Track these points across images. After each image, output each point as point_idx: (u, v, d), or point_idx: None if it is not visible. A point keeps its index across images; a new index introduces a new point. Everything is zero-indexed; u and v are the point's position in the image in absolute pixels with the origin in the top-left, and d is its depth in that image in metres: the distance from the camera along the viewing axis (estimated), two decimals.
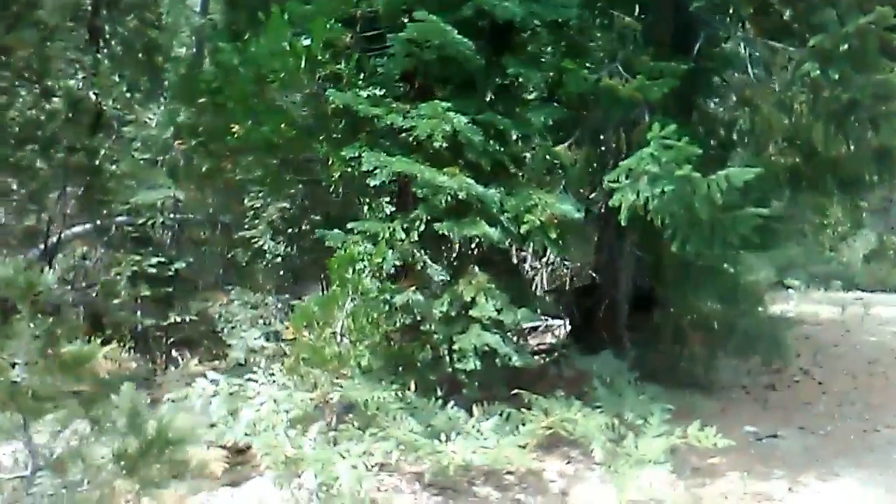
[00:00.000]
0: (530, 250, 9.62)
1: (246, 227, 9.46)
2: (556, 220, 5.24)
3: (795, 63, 5.07)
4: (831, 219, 20.23)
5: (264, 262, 9.59)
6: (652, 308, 7.64)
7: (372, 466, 4.55)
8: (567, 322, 9.42)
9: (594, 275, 8.18)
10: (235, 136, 6.03)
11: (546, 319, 9.88)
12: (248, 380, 5.31)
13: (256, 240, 9.42)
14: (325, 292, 6.94)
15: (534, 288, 9.57)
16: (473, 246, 5.93)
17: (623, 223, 4.90)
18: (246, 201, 9.12)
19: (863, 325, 11.01)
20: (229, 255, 10.35)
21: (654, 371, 7.14)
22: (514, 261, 9.49)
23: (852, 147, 5.28)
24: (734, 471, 5.35)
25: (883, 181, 6.12)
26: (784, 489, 5.09)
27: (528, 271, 9.69)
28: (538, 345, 9.22)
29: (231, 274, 10.32)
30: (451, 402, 5.45)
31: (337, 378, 4.95)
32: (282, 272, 9.43)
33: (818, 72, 4.80)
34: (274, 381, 5.44)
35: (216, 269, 10.68)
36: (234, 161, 6.67)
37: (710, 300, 6.81)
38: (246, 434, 4.83)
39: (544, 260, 9.52)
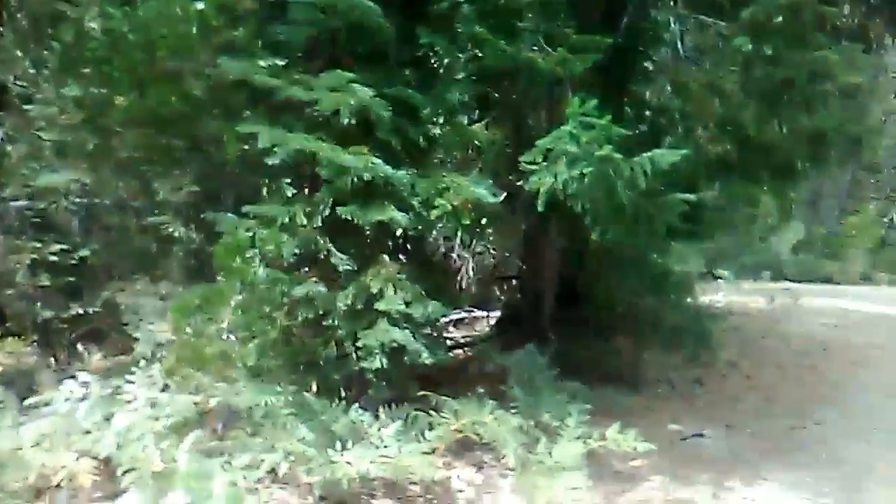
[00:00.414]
0: (458, 239, 9.27)
1: (156, 212, 8.82)
2: (469, 206, 4.74)
3: (726, 39, 4.66)
4: (762, 209, 20.34)
5: (175, 250, 8.97)
6: (579, 300, 7.25)
7: (258, 480, 4.03)
8: (491, 314, 9.05)
9: (521, 264, 7.79)
10: (121, 109, 5.38)
11: (472, 310, 9.49)
12: (127, 381, 4.70)
13: (167, 226, 8.80)
14: None
15: (460, 278, 9.14)
16: (386, 233, 5.40)
17: (541, 209, 4.42)
18: (156, 185, 8.49)
19: (791, 316, 10.88)
20: (139, 243, 9.66)
21: (578, 366, 6.75)
22: (441, 249, 9.12)
23: (785, 131, 4.90)
24: (657, 475, 4.97)
25: (816, 169, 5.79)
26: (708, 496, 4.72)
27: (455, 260, 9.24)
28: (464, 336, 8.79)
29: (142, 262, 9.64)
30: (357, 405, 4.94)
31: (222, 380, 4.38)
32: (192, 260, 8.81)
33: (749, 47, 4.39)
34: (154, 384, 4.86)
35: (126, 257, 9.99)
36: (122, 138, 6.00)
37: (636, 291, 6.42)
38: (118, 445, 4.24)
39: (471, 248, 9.08)
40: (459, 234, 4.85)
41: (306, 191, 5.32)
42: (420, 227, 4.96)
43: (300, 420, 4.46)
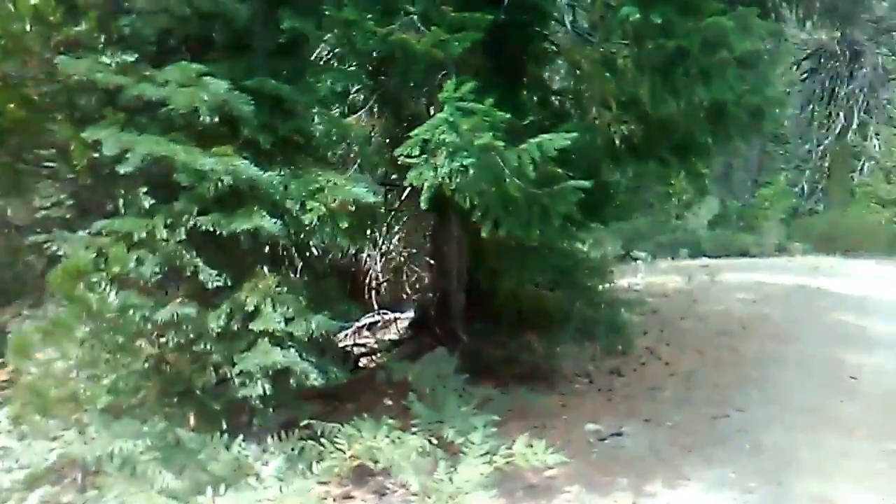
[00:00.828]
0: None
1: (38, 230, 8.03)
2: (349, 207, 4.24)
3: (614, 10, 4.26)
4: (677, 187, 20.40)
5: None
6: (489, 296, 6.84)
7: None
8: (404, 315, 8.57)
9: (429, 262, 7.35)
10: None
11: (386, 313, 8.97)
12: None
13: (50, 244, 8.02)
14: None
15: (367, 280, 8.63)
16: (264, 242, 4.85)
17: (424, 206, 3.95)
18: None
19: (709, 294, 10.73)
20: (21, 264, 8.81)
21: (491, 367, 6.37)
22: (351, 251, 8.61)
23: (683, 105, 4.54)
24: (573, 484, 4.57)
25: (719, 144, 5.48)
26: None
27: (365, 261, 8.72)
28: (377, 342, 8.28)
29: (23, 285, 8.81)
30: (241, 437, 4.41)
31: (74, 425, 3.78)
32: None
33: (637, 17, 4.00)
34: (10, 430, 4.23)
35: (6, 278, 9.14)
36: None
37: (543, 283, 6.03)
38: None
39: (378, 249, 8.57)
40: (338, 239, 4.28)
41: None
42: (296, 234, 4.43)
43: (166, 464, 3.90)
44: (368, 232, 4.64)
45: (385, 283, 8.78)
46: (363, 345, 8.25)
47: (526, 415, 5.63)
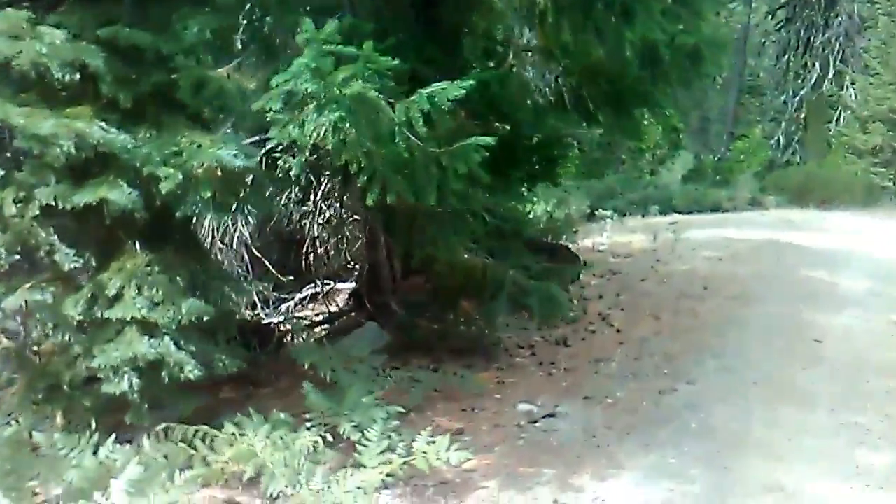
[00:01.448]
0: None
1: None
2: (217, 172, 3.60)
3: None
4: (650, 141, 19.77)
5: None
6: (429, 267, 6.23)
7: None
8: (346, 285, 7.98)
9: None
10: None
11: (329, 283, 8.34)
12: None
13: None
14: None
15: (306, 249, 8.01)
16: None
17: (296, 171, 3.32)
18: None
19: (674, 253, 10.14)
20: None
21: (425, 341, 5.80)
22: (294, 217, 8.00)
23: (610, 47, 3.90)
24: (493, 477, 4.01)
25: (658, 90, 4.83)
26: (549, 502, 3.78)
27: (308, 228, 8.10)
28: (317, 314, 7.68)
29: None
30: (114, 437, 3.82)
31: None
32: None
33: None
34: None
35: None
36: None
37: (475, 251, 5.42)
38: None
39: (315, 216, 7.93)
40: (200, 208, 3.65)
41: None
42: (160, 204, 3.78)
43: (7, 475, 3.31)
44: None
45: (327, 252, 8.18)
46: (303, 317, 7.69)
47: (455, 395, 5.07)
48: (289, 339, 6.48)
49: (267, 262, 8.03)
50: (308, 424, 3.85)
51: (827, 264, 9.84)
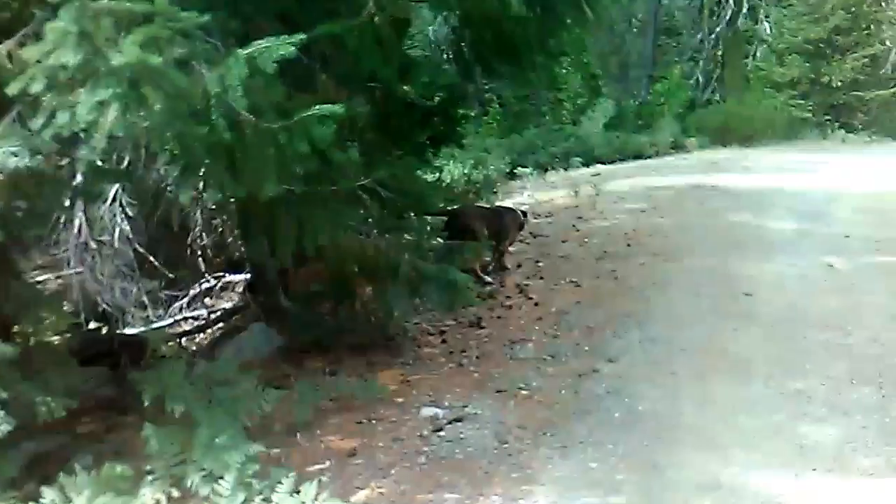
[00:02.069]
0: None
1: None
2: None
3: None
4: (569, 91, 19.17)
5: None
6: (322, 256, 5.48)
7: None
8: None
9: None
10: None
11: (220, 278, 7.50)
12: None
13: None
14: None
15: (190, 242, 7.15)
16: None
17: (82, 169, 2.52)
18: None
19: (596, 208, 9.58)
20: None
21: (322, 339, 5.08)
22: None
23: None
24: None
25: (551, 33, 4.13)
26: None
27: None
28: (211, 311, 6.87)
29: None
30: None
31: None
32: None
33: None
34: None
35: None
36: None
37: (357, 233, 4.69)
38: None
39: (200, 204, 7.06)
40: None
41: None
42: None
43: None
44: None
45: (216, 242, 7.34)
46: (195, 317, 6.89)
47: (352, 405, 4.37)
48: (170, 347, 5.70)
49: (153, 258, 7.17)
50: (151, 477, 3.11)
51: (753, 206, 9.44)
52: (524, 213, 7.35)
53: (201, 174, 2.90)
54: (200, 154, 2.71)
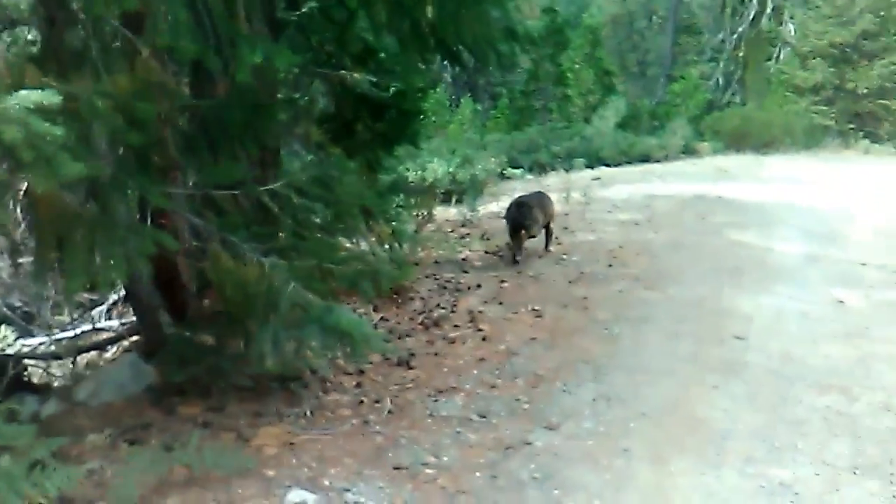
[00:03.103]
0: None
1: None
2: None
3: None
4: (581, 87, 18.01)
5: None
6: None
7: None
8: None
9: None
10: None
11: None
12: None
13: None
14: None
15: None
16: None
17: None
18: None
19: (585, 218, 8.45)
20: None
21: (196, 379, 4.06)
22: None
23: None
24: None
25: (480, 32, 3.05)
26: None
27: None
28: (122, 324, 5.88)
29: None
30: None
31: None
32: None
33: None
34: None
35: None
36: None
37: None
38: None
39: None
40: None
41: None
42: None
43: None
44: None
45: None
46: (105, 328, 5.93)
47: (206, 475, 3.32)
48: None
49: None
50: None
51: (759, 223, 8.28)
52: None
53: None
54: None
